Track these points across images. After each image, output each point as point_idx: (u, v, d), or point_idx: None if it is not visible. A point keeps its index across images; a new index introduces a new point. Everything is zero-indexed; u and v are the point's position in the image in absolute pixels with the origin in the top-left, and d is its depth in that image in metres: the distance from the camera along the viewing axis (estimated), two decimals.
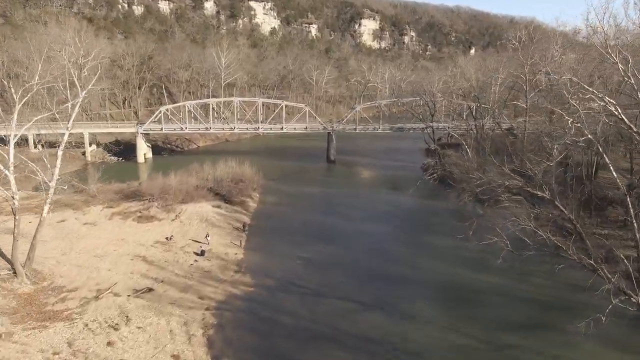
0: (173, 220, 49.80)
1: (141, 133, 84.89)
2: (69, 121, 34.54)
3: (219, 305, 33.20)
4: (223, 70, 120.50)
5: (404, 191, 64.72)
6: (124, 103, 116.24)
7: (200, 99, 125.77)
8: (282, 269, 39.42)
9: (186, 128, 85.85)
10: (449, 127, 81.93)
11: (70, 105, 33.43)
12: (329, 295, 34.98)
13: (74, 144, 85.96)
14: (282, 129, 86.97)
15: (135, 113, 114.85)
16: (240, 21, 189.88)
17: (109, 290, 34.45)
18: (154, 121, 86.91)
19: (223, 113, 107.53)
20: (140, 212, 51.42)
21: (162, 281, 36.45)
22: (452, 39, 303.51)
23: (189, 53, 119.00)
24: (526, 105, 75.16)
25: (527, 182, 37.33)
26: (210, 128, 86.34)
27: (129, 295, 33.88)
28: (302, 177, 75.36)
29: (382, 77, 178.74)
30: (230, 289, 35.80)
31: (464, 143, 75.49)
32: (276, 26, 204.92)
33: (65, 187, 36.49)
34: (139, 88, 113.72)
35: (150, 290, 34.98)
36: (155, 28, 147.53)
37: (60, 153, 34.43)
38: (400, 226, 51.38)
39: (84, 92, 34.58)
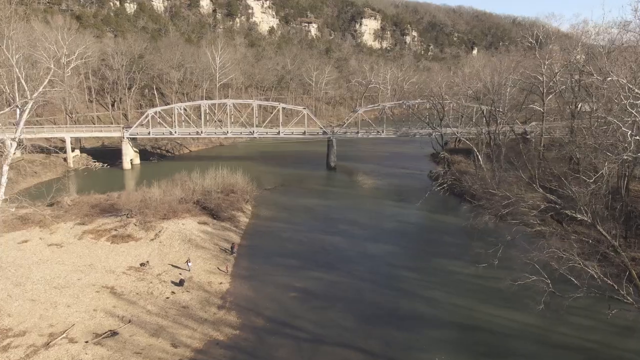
0: (152, 240, 43.79)
1: (127, 137, 78.89)
2: (16, 130, 28.52)
3: (195, 356, 27.26)
4: (218, 71, 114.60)
5: (412, 203, 58.90)
6: (113, 105, 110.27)
7: (195, 100, 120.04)
8: (274, 304, 33.48)
9: (176, 132, 79.90)
10: (458, 132, 75.90)
11: (18, 111, 27.29)
12: (329, 340, 29.02)
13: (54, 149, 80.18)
14: (278, 133, 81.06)
15: (125, 115, 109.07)
16: (237, 20, 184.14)
17: (64, 335, 28.51)
18: (142, 125, 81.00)
19: (217, 115, 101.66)
20: (115, 229, 45.43)
21: (129, 321, 30.47)
22: (455, 39, 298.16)
23: (182, 52, 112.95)
24: (543, 109, 69.32)
25: (565, 204, 31.45)
26: (201, 132, 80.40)
27: (86, 342, 27.96)
28: (299, 186, 69.42)
29: (383, 78, 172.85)
30: (211, 332, 29.81)
31: (476, 150, 69.67)
32: (274, 25, 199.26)
33: (13, 209, 30.43)
34: (129, 89, 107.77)
35: (114, 334, 29.05)
36: (149, 26, 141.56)
37: (6, 168, 28.44)
38: (410, 247, 45.27)
39: (35, 94, 28.58)
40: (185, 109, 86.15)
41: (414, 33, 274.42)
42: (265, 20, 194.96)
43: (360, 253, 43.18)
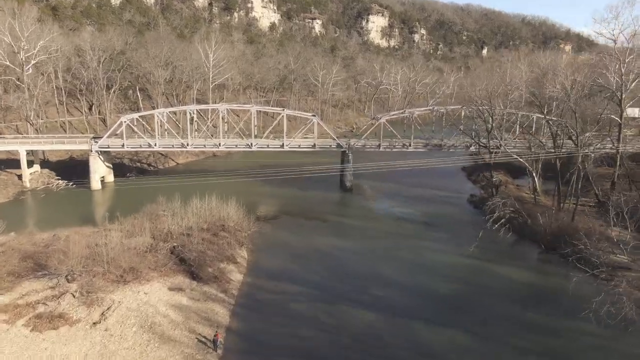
0: (95, 324, 28.88)
1: (96, 151, 63.99)
2: None
3: None
4: (211, 69, 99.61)
5: (460, 246, 44.12)
6: (90, 109, 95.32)
7: (186, 103, 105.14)
8: None
9: (156, 145, 64.93)
10: (506, 146, 60.78)
11: None
12: None
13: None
14: (282, 146, 66.17)
15: (103, 121, 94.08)
16: (235, 14, 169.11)
17: None
18: (115, 134, 66.22)
19: (209, 121, 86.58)
20: (45, 302, 30.62)
21: None
22: (464, 38, 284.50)
23: (169, 47, 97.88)
24: (620, 119, 54.59)
25: None
26: (188, 144, 65.37)
27: None
28: (309, 216, 54.68)
29: (394, 79, 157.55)
30: None
31: (532, 171, 54.86)
32: (276, 21, 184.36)
33: None
34: (108, 90, 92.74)
35: None
36: (136, 20, 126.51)
37: None
38: (493, 339, 29.37)
39: None
40: (169, 115, 71.47)
41: (423, 31, 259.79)
42: (265, 15, 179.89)
43: (415, 349, 28.15)
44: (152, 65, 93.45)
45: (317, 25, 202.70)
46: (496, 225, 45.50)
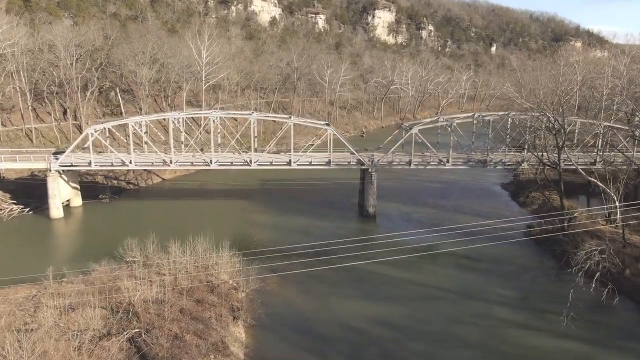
0: None
1: (56, 170, 50.96)
2: None
3: None
4: (204, 68, 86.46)
5: (545, 317, 31.36)
6: (65, 114, 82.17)
7: (177, 106, 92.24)
8: None
9: (131, 162, 51.77)
10: (567, 162, 47.84)
11: None
12: None
13: None
14: (289, 162, 53.05)
15: (79, 128, 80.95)
16: (233, 8, 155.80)
17: None
18: (82, 148, 53.26)
19: (203, 126, 73.23)
20: None
21: None
22: (472, 34, 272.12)
23: (155, 42, 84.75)
24: None
25: None
26: (171, 162, 52.23)
27: None
28: (325, 261, 41.29)
29: (405, 77, 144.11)
30: None
31: (612, 194, 41.98)
32: (277, 15, 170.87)
33: None
34: (84, 92, 79.64)
35: None
36: (121, 13, 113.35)
37: None
38: None
39: None
40: (152, 123, 58.29)
41: (430, 27, 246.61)
42: (265, 9, 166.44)
43: None
44: (135, 63, 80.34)
45: (321, 21, 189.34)
46: (594, 284, 32.45)
